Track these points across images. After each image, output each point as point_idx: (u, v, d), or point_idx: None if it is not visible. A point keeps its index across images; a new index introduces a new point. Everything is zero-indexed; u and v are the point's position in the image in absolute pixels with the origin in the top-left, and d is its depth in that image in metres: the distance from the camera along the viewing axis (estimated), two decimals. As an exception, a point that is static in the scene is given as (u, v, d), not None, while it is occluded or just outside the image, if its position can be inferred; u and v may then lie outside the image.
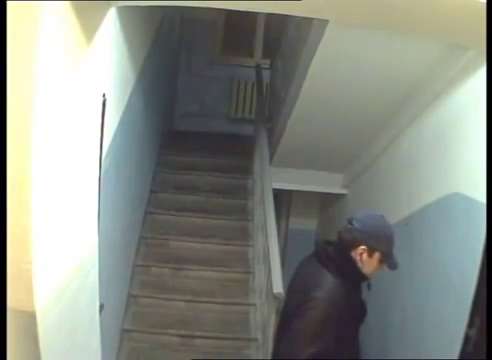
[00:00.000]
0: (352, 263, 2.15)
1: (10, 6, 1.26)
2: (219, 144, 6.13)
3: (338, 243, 2.19)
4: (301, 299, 2.10)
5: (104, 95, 2.31)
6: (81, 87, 1.76)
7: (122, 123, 3.18)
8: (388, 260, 2.19)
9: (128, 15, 3.04)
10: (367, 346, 4.10)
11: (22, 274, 1.42)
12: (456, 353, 2.65)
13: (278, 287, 3.37)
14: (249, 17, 6.87)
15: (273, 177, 4.61)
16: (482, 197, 2.48)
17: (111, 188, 3.00)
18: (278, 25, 5.54)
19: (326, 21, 3.02)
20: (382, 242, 2.16)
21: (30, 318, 1.46)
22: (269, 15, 6.25)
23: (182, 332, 4.05)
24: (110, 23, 2.30)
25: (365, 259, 2.15)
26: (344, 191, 5.54)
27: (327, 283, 2.11)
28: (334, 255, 2.17)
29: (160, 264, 4.56)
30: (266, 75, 6.23)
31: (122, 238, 3.77)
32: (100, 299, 2.26)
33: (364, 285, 2.27)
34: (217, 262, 4.63)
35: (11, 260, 1.39)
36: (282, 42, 5.28)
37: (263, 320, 3.85)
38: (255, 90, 6.55)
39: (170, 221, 4.98)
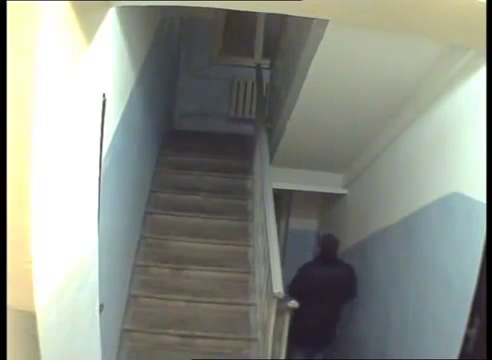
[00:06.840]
0: None
1: (10, 6, 1.26)
2: (219, 144, 6.12)
3: (335, 250, 4.52)
4: (351, 274, 4.45)
5: (104, 95, 2.31)
6: (81, 87, 1.76)
7: (122, 123, 3.18)
8: None
9: (128, 15, 3.04)
10: (367, 346, 4.10)
11: (22, 274, 1.42)
12: (456, 353, 2.65)
13: (278, 287, 3.37)
14: (249, 17, 6.86)
15: (273, 177, 4.61)
16: (482, 197, 2.48)
17: (111, 188, 3.00)
18: (278, 25, 5.53)
19: (326, 21, 3.02)
20: None
21: (30, 318, 1.46)
22: (269, 15, 6.24)
23: (182, 332, 4.04)
24: (110, 23, 2.30)
25: None
26: (344, 191, 5.54)
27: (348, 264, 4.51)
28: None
29: (160, 264, 4.56)
30: (266, 75, 6.23)
31: (122, 238, 3.77)
32: (100, 299, 2.26)
33: None
34: (217, 262, 4.62)
35: (11, 260, 1.39)
36: (282, 42, 5.28)
37: (263, 320, 3.85)
38: (255, 90, 6.54)
39: (170, 221, 4.97)
